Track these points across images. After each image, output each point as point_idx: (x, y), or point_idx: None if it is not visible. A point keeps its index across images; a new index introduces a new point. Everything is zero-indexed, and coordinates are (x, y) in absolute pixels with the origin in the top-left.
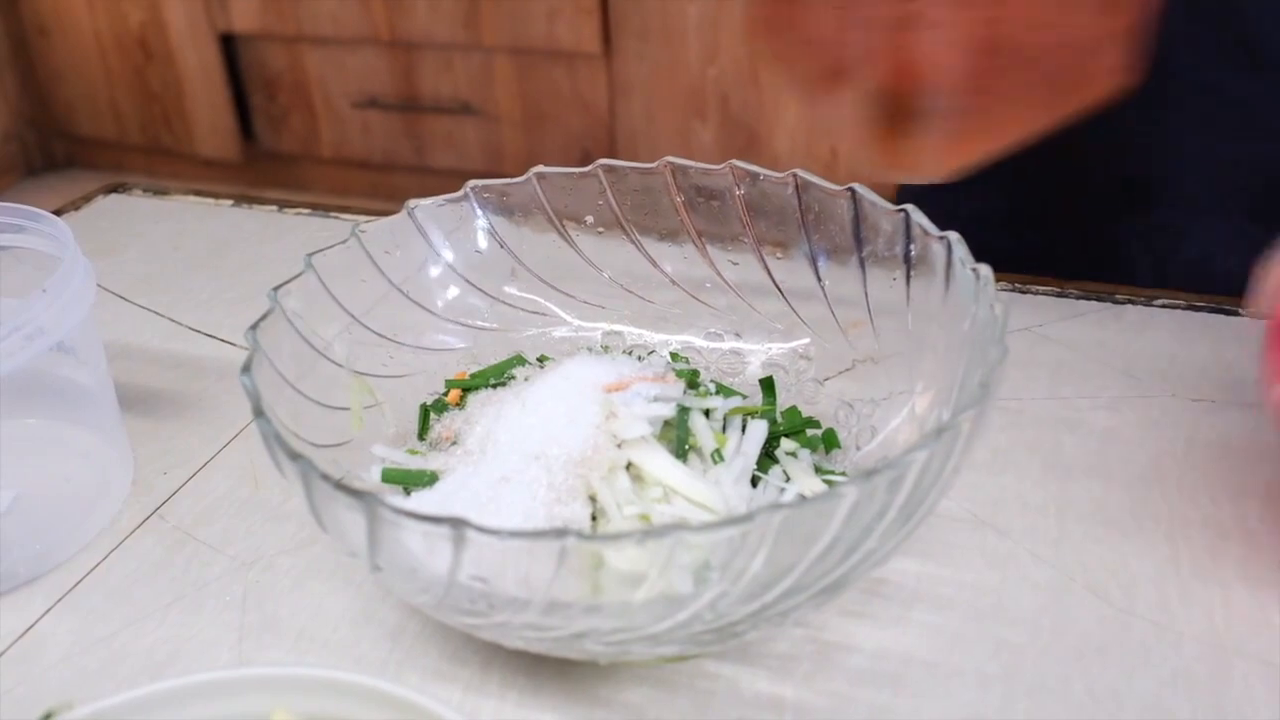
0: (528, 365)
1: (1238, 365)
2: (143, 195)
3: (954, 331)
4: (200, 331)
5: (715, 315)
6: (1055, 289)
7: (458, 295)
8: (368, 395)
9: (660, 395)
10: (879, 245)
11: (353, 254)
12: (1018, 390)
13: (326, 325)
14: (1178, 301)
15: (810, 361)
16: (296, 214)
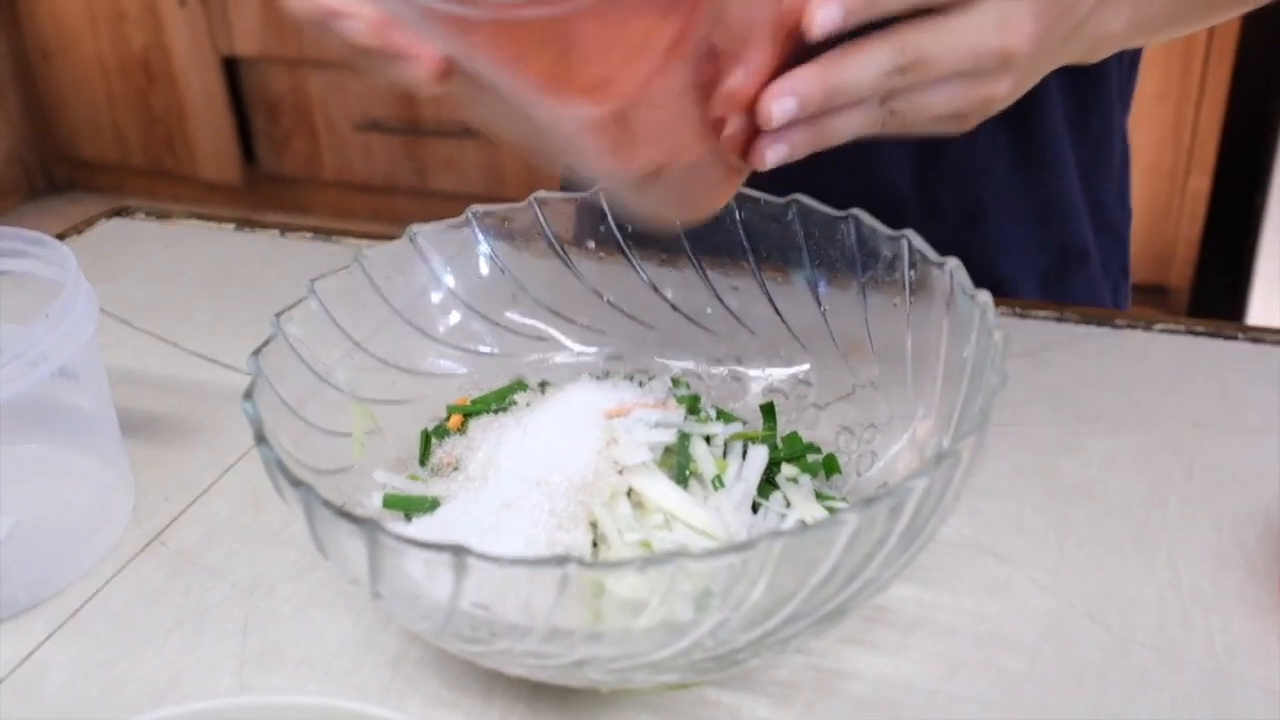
0: (529, 391)
1: (1236, 391)
2: (145, 219)
3: (954, 358)
4: (202, 356)
5: (716, 340)
6: (1055, 314)
7: (459, 320)
8: (369, 421)
9: (661, 421)
10: (879, 270)
11: (355, 280)
12: (1018, 415)
13: (328, 350)
14: (1177, 327)
15: (810, 386)
16: (299, 238)
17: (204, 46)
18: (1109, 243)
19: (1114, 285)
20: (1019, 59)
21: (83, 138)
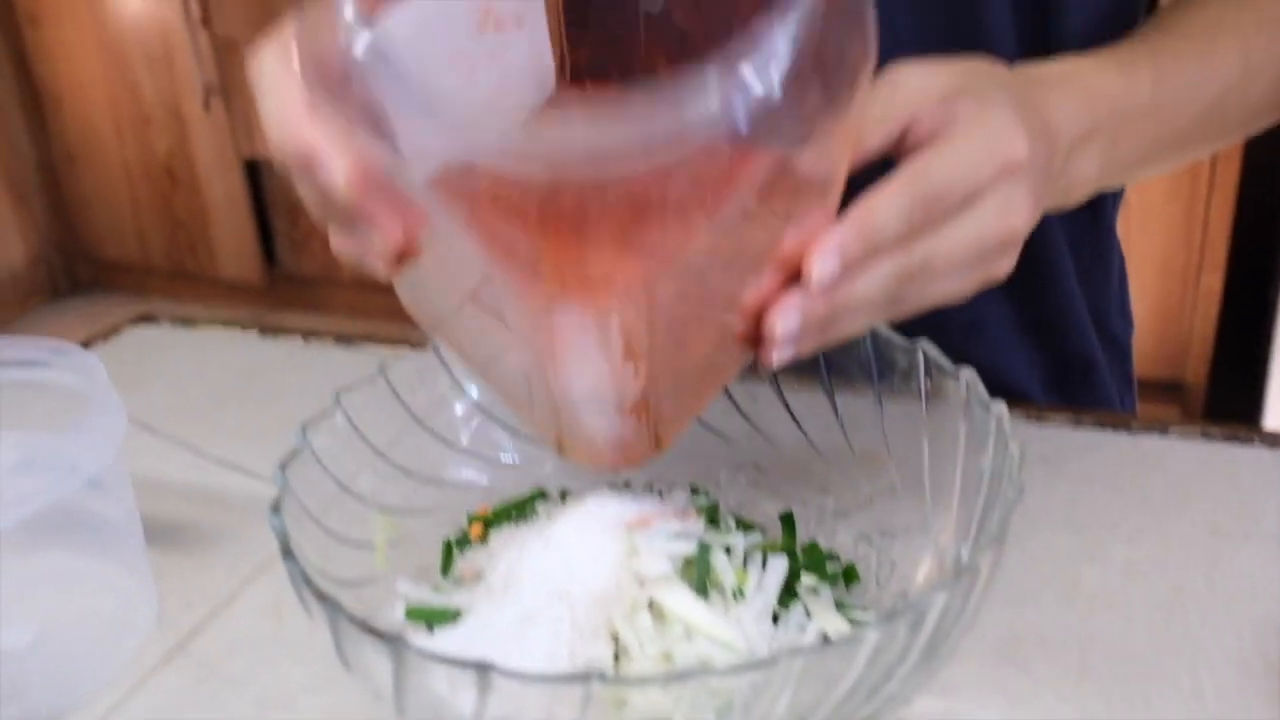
0: (550, 500)
1: (1255, 496)
2: (170, 326)
3: (971, 468)
4: (225, 463)
5: (734, 448)
6: (1071, 419)
7: (481, 430)
8: (392, 531)
9: (681, 532)
10: (895, 379)
11: (379, 391)
12: (1036, 522)
13: (352, 461)
14: (1192, 431)
15: (829, 495)
16: (321, 344)
17: (226, 150)
18: (1111, 353)
19: (1120, 396)
20: (1020, 239)
21: (106, 239)
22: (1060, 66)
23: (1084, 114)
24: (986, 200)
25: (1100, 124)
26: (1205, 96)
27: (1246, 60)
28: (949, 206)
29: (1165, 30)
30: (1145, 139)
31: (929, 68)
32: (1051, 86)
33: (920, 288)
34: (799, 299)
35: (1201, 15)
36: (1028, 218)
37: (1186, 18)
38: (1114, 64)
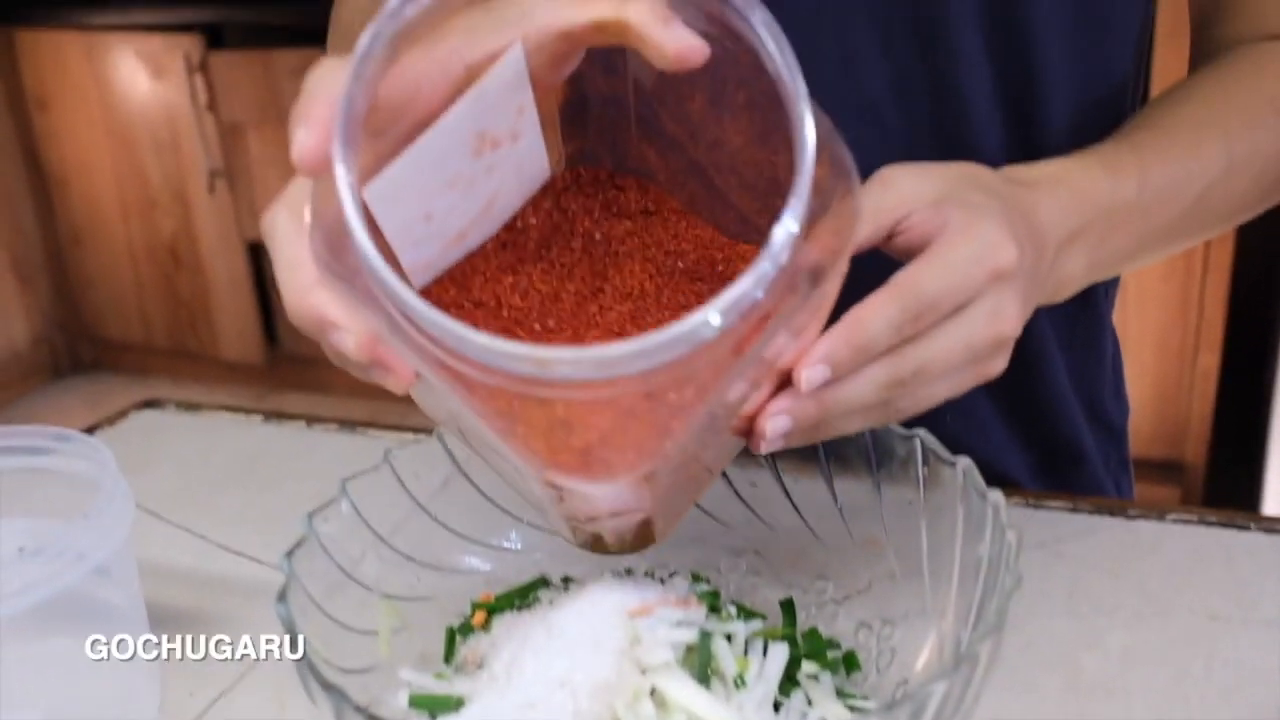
0: (552, 587)
1: (1251, 582)
2: (174, 411)
3: (969, 555)
4: (229, 549)
5: (734, 534)
6: (1068, 505)
7: (484, 517)
8: (396, 619)
9: (683, 620)
10: (893, 467)
11: (384, 479)
12: (1034, 608)
13: (356, 548)
14: (1189, 517)
15: (828, 581)
16: (325, 429)
17: (230, 232)
18: (1107, 440)
19: (1115, 480)
20: (1011, 340)
21: (109, 319)
22: (1047, 168)
23: (1071, 216)
24: (977, 306)
25: (1088, 224)
26: (1190, 193)
27: (1230, 156)
28: (940, 315)
29: (1150, 127)
30: (1132, 236)
31: (921, 171)
32: (1039, 189)
33: (913, 392)
34: (788, 402)
35: (1186, 112)
36: (1017, 320)
37: (1171, 114)
38: (1100, 164)
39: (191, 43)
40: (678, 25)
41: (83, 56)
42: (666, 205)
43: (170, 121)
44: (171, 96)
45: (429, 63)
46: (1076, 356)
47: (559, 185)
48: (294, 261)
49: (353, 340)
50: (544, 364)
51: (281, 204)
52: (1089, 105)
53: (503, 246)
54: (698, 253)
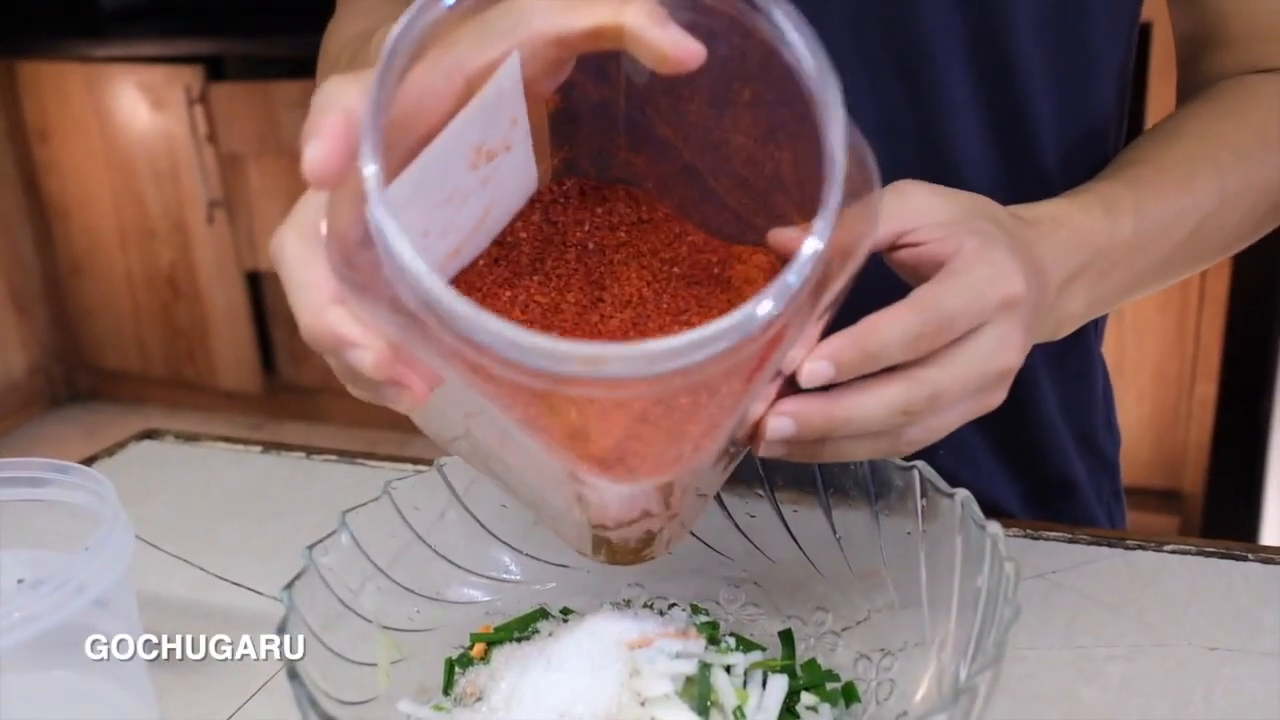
0: (552, 618)
1: (1250, 613)
2: (173, 442)
3: (968, 586)
4: (227, 580)
5: (734, 566)
6: (1067, 535)
7: (483, 548)
8: (395, 650)
9: (683, 652)
10: (892, 499)
11: (383, 511)
12: (1034, 639)
13: (356, 579)
14: (1188, 547)
15: (827, 613)
16: (324, 460)
17: (228, 262)
18: (1099, 471)
19: (1108, 511)
20: (1014, 372)
21: (107, 349)
22: (1046, 208)
23: (1071, 256)
24: (986, 332)
25: (1087, 264)
26: (1185, 228)
27: (1223, 190)
28: (953, 336)
29: (1143, 163)
30: (1129, 273)
31: (935, 190)
32: (1041, 229)
33: (925, 421)
34: (794, 405)
35: (1178, 147)
36: (1021, 352)
37: (1164, 149)
38: (1098, 204)
39: (192, 74)
40: (674, 27)
41: (83, 88)
42: (657, 212)
43: (170, 152)
44: (171, 127)
45: (433, 76)
46: (1068, 389)
47: (546, 198)
48: (306, 282)
49: (371, 357)
50: (595, 362)
51: (289, 226)
52: (1075, 143)
53: (495, 262)
54: (692, 257)
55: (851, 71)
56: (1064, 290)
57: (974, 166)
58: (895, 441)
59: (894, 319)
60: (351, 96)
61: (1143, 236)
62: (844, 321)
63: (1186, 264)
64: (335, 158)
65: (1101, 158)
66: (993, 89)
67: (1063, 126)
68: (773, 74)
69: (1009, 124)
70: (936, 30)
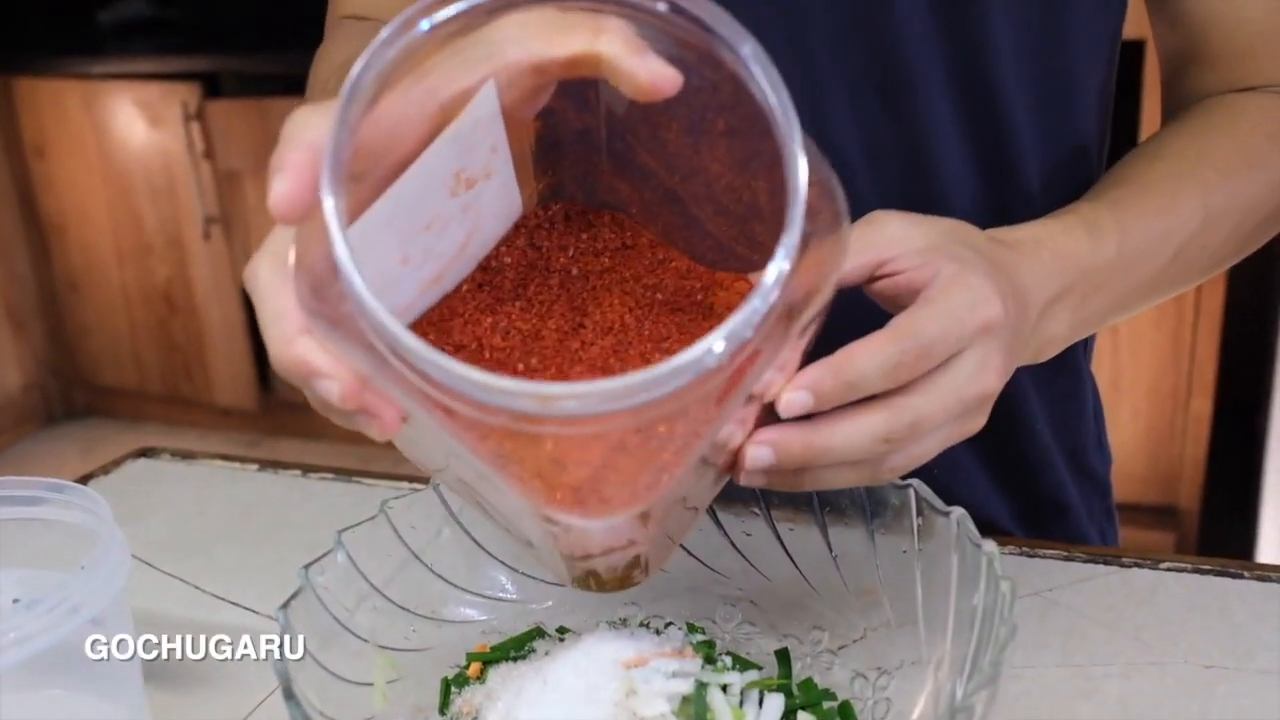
0: (547, 638)
1: (1246, 630)
2: (170, 460)
3: (964, 605)
4: (224, 599)
5: (730, 584)
6: (1063, 553)
7: (480, 567)
8: (391, 670)
9: (679, 671)
10: (888, 517)
11: (380, 530)
12: (1030, 658)
13: (351, 598)
14: (1184, 565)
15: (824, 631)
16: (320, 479)
17: (225, 279)
18: (1091, 490)
19: (1099, 529)
20: (994, 396)
21: (103, 365)
22: (1029, 230)
23: (1054, 278)
24: (966, 358)
25: (1070, 286)
26: (1169, 248)
27: (1207, 209)
28: (933, 363)
29: (1127, 183)
30: (1113, 294)
31: (910, 218)
32: (1021, 251)
33: (906, 448)
34: (774, 434)
35: (1162, 166)
36: (1000, 376)
37: (1148, 169)
38: (1081, 226)
39: (189, 91)
40: (650, 56)
41: (80, 105)
42: (641, 238)
43: (166, 169)
44: (168, 144)
45: (406, 104)
46: (1057, 409)
47: (532, 223)
48: (277, 311)
49: (337, 388)
50: (547, 400)
51: (263, 255)
52: (1058, 163)
53: (479, 287)
54: (676, 283)
55: (834, 96)
56: (1046, 312)
57: (958, 189)
58: (876, 469)
59: (872, 348)
60: (316, 129)
61: (1126, 257)
62: (824, 351)
63: (1172, 283)
64: (299, 192)
65: (1085, 177)
66: (975, 112)
67: (1045, 148)
68: (744, 105)
69: (991, 146)
70: (918, 56)
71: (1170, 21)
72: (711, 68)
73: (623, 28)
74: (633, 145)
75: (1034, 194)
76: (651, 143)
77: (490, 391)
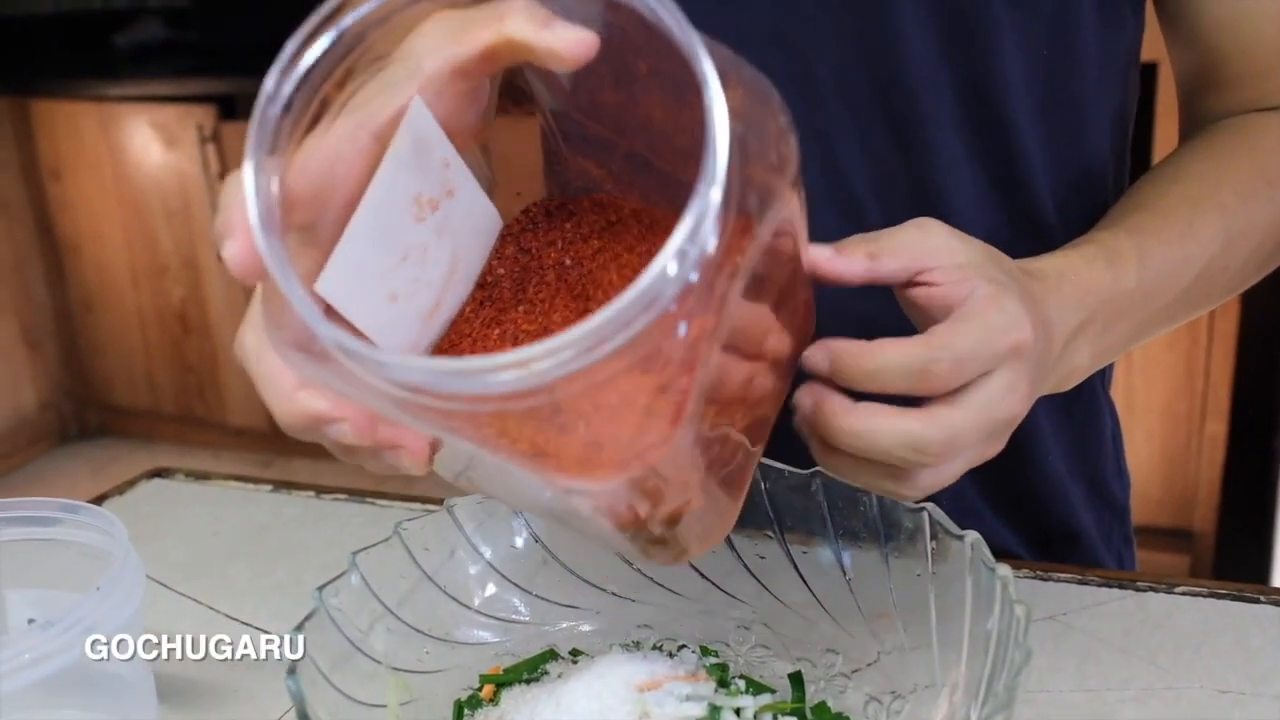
0: (561, 660)
1: (1261, 655)
2: (184, 480)
3: (978, 629)
4: (237, 620)
5: (744, 607)
6: (1077, 576)
7: (494, 590)
8: (405, 692)
9: (692, 694)
10: (901, 541)
11: (394, 552)
12: (1044, 682)
13: (365, 620)
14: (1199, 589)
15: (837, 655)
16: (334, 499)
17: (239, 299)
18: (1109, 516)
19: (1117, 556)
20: (1018, 421)
21: (117, 385)
22: (1051, 262)
23: (1076, 310)
24: (995, 378)
25: (1092, 316)
26: (1189, 273)
27: (1227, 232)
28: (964, 377)
29: (1146, 209)
30: (1134, 322)
31: (955, 234)
32: (1048, 284)
33: (938, 467)
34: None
35: (1180, 190)
36: (1026, 401)
37: (1167, 192)
38: (1101, 256)
39: (204, 113)
40: (559, 24)
41: (97, 127)
42: (624, 210)
43: (182, 190)
44: (184, 166)
45: (334, 141)
46: (1075, 437)
47: (515, 229)
48: (269, 373)
49: (349, 426)
50: (524, 364)
51: (246, 326)
52: (1072, 189)
53: (480, 304)
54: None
55: (841, 128)
56: (1070, 343)
57: (970, 217)
58: (905, 482)
59: (903, 346)
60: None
61: (1146, 285)
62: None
63: (1193, 306)
64: (249, 249)
65: (1100, 201)
66: (985, 143)
67: (1058, 174)
68: (655, 39)
69: (1003, 174)
70: (926, 85)
71: (1186, 43)
72: (612, 10)
73: (524, 6)
74: (580, 121)
75: (1047, 221)
76: (594, 111)
77: (465, 377)
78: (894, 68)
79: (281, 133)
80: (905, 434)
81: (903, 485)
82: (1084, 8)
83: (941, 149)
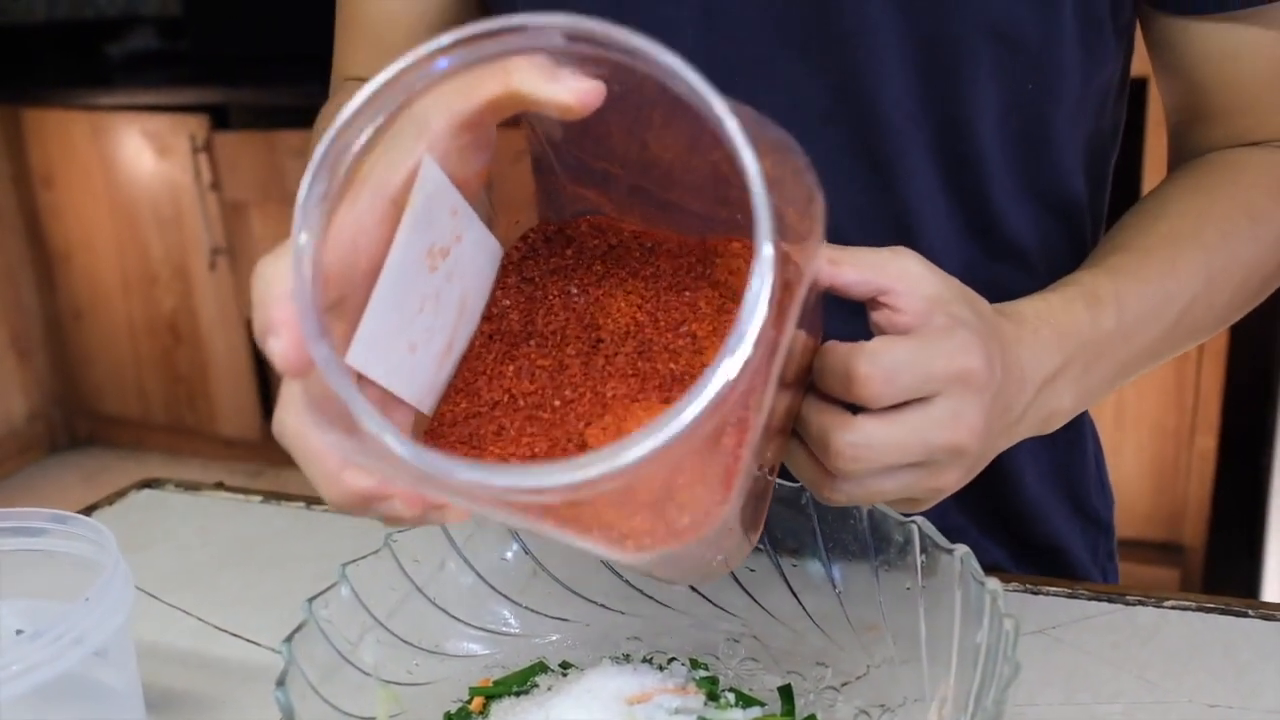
0: (550, 672)
1: (1250, 669)
2: (174, 491)
3: (967, 642)
4: (227, 631)
5: (733, 620)
6: (1066, 590)
7: (484, 602)
8: (394, 704)
9: (682, 708)
10: (891, 554)
11: (384, 563)
12: (1034, 696)
13: (355, 632)
14: (1188, 603)
15: (827, 668)
16: (324, 511)
17: (230, 309)
18: (1093, 533)
19: (1102, 571)
20: (969, 454)
21: (107, 394)
22: (1030, 305)
23: (1054, 354)
24: (938, 404)
25: (1071, 359)
26: (1171, 313)
27: (1209, 269)
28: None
29: (1127, 249)
30: (1116, 362)
31: (931, 267)
32: (1024, 327)
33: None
34: None
35: (1162, 228)
36: (974, 435)
37: (1149, 231)
38: (1080, 299)
39: (196, 123)
40: (566, 75)
41: (88, 135)
42: (624, 233)
43: (174, 200)
44: (175, 175)
45: (357, 215)
46: (1056, 457)
47: (515, 257)
48: (314, 455)
49: (400, 504)
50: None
51: (283, 407)
52: (1046, 219)
53: (490, 339)
54: (672, 265)
55: (821, 164)
56: (1048, 388)
57: (947, 251)
58: (827, 484)
59: (837, 349)
60: (287, 281)
61: (1127, 326)
62: None
63: (1178, 343)
64: (299, 347)
65: (1077, 236)
66: (959, 180)
67: (1031, 205)
68: (670, 93)
69: (976, 206)
70: (903, 128)
71: (1173, 76)
72: (624, 71)
73: (531, 60)
74: (582, 159)
75: (1024, 256)
76: (599, 150)
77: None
78: (875, 110)
79: (317, 215)
80: (818, 427)
81: (822, 485)
82: (1067, 41)
83: (916, 182)
